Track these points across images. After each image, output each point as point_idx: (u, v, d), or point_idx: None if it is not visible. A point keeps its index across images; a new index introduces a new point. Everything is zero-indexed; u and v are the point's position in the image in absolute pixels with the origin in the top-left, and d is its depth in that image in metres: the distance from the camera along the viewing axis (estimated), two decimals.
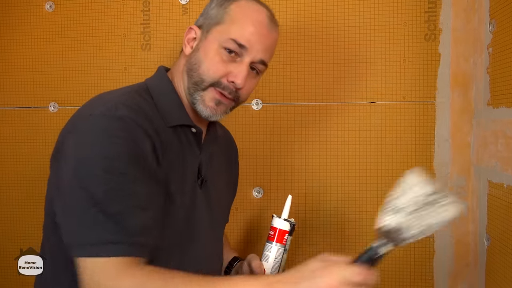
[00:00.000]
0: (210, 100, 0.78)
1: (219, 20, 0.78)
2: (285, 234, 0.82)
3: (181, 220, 0.77)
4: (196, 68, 0.78)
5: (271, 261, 0.81)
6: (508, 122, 0.90)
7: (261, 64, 0.80)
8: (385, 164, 1.12)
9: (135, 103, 0.73)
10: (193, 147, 0.82)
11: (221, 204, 0.93)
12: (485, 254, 1.01)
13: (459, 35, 1.07)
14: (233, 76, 0.77)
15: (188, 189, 0.79)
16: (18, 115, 1.25)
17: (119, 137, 0.66)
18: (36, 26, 1.22)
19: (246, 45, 0.76)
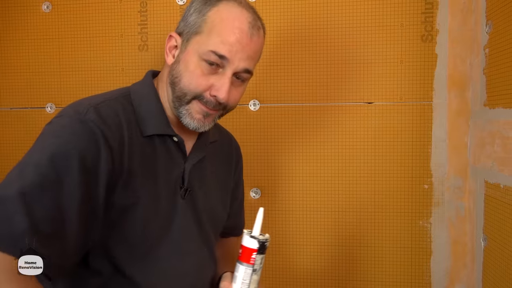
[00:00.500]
0: (196, 112, 0.76)
1: (198, 29, 0.74)
2: (253, 253, 0.72)
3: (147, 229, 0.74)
4: (177, 82, 0.75)
5: (238, 284, 0.74)
6: (504, 122, 0.90)
7: (245, 73, 0.76)
8: (382, 164, 1.12)
9: (110, 111, 0.71)
10: (175, 156, 0.80)
11: (214, 213, 0.89)
12: (482, 254, 1.01)
13: (455, 36, 1.08)
14: (215, 90, 0.74)
15: (162, 199, 0.76)
16: (15, 116, 1.25)
17: (76, 135, 0.66)
18: (33, 27, 1.22)
19: (227, 56, 0.72)
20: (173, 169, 0.79)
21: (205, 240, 0.87)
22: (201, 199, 0.84)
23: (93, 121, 0.67)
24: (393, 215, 1.12)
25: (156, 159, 0.77)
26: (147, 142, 0.76)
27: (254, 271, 0.74)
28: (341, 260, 1.15)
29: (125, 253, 0.73)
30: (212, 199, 0.88)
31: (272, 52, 1.14)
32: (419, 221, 1.11)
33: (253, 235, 0.74)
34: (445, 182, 1.10)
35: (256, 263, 0.73)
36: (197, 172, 0.84)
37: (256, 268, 0.74)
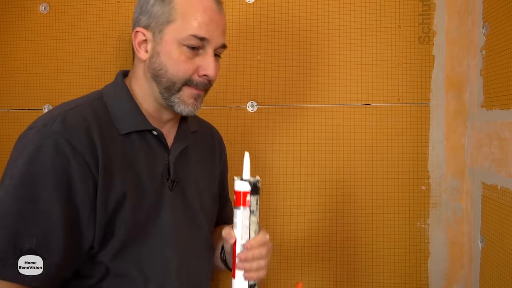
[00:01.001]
0: (188, 97, 0.79)
1: (168, 18, 0.75)
2: (247, 195, 0.74)
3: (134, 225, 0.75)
4: (163, 74, 0.77)
5: (239, 227, 0.75)
6: (501, 124, 0.91)
7: (222, 47, 0.81)
8: (380, 165, 1.12)
9: (77, 117, 0.72)
10: (156, 150, 0.81)
11: (204, 201, 0.90)
12: (479, 256, 1.01)
13: (453, 38, 1.08)
14: (203, 70, 0.77)
15: (147, 194, 0.77)
16: (12, 117, 1.24)
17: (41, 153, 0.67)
18: (30, 28, 1.22)
19: (206, 36, 0.76)
20: (156, 163, 0.80)
21: (199, 230, 0.87)
22: (190, 189, 0.85)
23: (57, 133, 0.68)
24: (391, 216, 1.12)
25: (137, 156, 0.77)
26: (125, 140, 0.77)
27: (252, 212, 0.75)
28: (339, 261, 1.15)
29: (117, 251, 0.73)
30: (200, 188, 0.89)
31: (269, 53, 1.14)
32: (416, 222, 1.11)
33: (244, 178, 0.75)
34: (442, 183, 1.10)
35: (252, 204, 0.75)
36: (182, 162, 0.85)
37: (253, 210, 0.75)
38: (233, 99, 1.16)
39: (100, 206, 0.71)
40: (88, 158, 0.70)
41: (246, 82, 1.15)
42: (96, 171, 0.71)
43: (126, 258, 0.74)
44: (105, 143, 0.73)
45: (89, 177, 0.70)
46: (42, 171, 0.66)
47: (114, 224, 0.73)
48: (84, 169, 0.69)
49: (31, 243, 0.65)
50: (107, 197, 0.72)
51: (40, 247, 0.65)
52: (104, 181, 0.71)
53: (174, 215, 0.80)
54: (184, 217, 0.83)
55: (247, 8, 1.14)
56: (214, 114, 1.17)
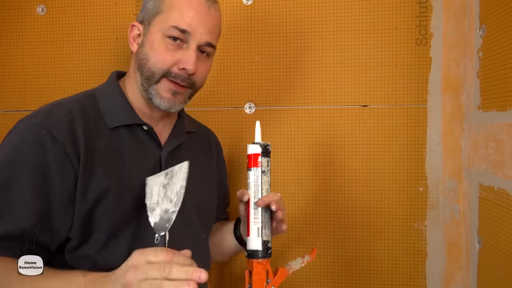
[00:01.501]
0: (165, 91, 0.78)
1: (157, 10, 0.78)
2: (258, 156, 0.79)
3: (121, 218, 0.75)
4: (144, 63, 0.78)
5: (251, 187, 0.79)
6: (498, 125, 0.91)
7: (209, 46, 0.80)
8: (377, 167, 1.12)
9: (61, 110, 0.74)
10: (147, 145, 0.81)
11: (198, 201, 0.89)
12: (477, 257, 1.01)
13: (450, 40, 1.08)
14: (183, 63, 0.77)
15: (133, 189, 0.77)
16: (9, 119, 1.24)
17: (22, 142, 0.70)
18: (27, 30, 1.22)
19: (188, 29, 0.76)
20: (147, 158, 0.80)
21: (191, 230, 0.86)
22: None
23: (39, 124, 0.71)
24: (388, 217, 1.12)
25: (125, 150, 0.78)
26: (113, 135, 0.78)
27: (263, 172, 0.80)
28: (336, 263, 1.15)
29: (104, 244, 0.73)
30: (194, 187, 0.87)
31: (267, 55, 1.14)
32: (414, 223, 1.12)
33: (255, 141, 0.81)
34: (440, 185, 1.10)
35: (263, 165, 0.80)
36: (175, 160, 0.84)
37: (264, 170, 0.80)
38: (230, 100, 1.16)
39: (80, 196, 0.71)
40: (68, 149, 0.71)
41: (243, 84, 1.15)
42: (77, 162, 0.72)
43: (114, 249, 0.74)
44: (89, 136, 0.74)
45: (68, 168, 0.71)
46: (20, 160, 0.69)
47: (94, 216, 0.73)
48: (64, 159, 0.70)
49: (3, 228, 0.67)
50: (87, 188, 0.72)
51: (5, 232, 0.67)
52: (85, 172, 0.72)
53: None
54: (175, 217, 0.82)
55: (244, 10, 1.15)
56: (212, 115, 1.17)
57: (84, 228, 0.72)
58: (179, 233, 0.82)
